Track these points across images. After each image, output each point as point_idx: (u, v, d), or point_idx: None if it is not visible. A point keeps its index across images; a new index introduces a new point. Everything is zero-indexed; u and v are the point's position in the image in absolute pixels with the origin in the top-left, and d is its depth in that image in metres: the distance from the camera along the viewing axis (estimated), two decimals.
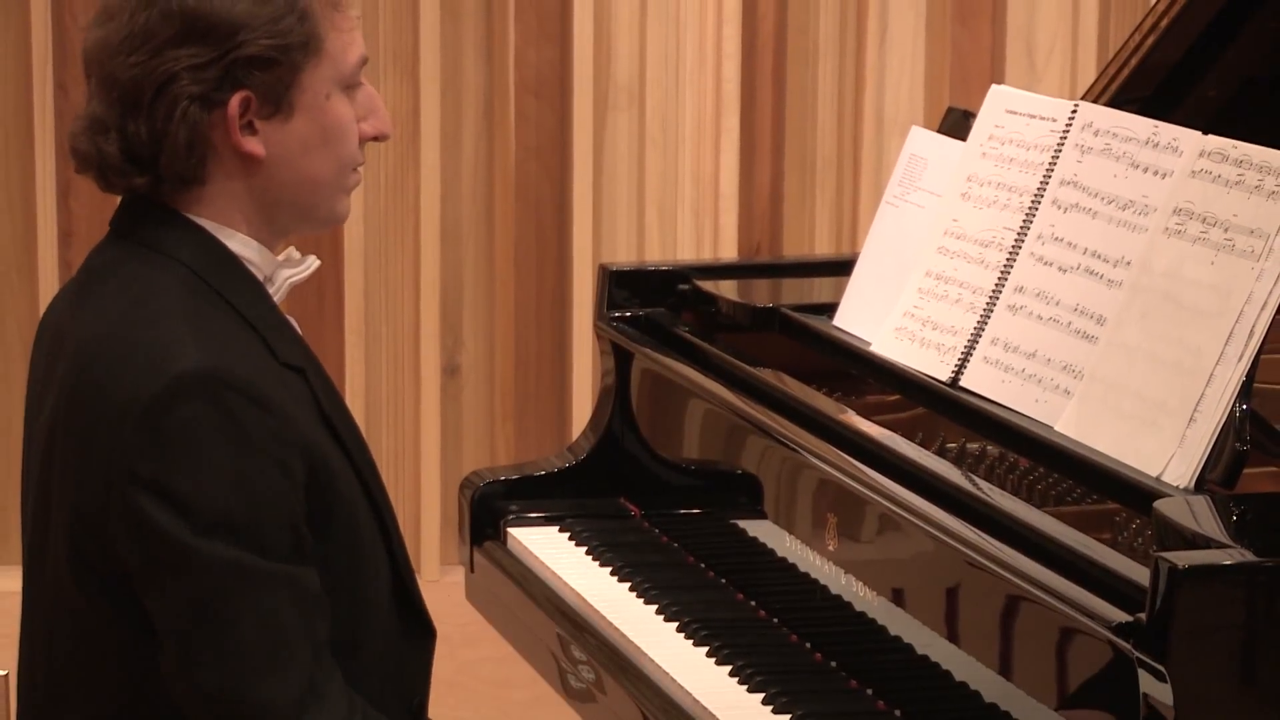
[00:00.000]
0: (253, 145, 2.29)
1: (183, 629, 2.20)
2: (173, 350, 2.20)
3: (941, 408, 2.67)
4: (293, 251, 2.46)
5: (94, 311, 2.31)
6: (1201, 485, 2.24)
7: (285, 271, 2.40)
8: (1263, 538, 2.05)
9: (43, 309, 2.54)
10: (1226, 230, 2.37)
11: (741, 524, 2.87)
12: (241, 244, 2.34)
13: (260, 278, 2.35)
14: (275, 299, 2.38)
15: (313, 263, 2.46)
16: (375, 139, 2.41)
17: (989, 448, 2.62)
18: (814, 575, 2.66)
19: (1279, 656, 2.01)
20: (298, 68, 2.28)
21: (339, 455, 2.32)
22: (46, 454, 2.29)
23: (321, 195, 2.38)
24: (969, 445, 2.65)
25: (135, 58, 2.24)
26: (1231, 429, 2.27)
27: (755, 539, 2.84)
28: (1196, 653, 1.96)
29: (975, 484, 2.46)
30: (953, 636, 2.39)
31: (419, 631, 2.47)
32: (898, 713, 2.49)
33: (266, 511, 2.21)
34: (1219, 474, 2.26)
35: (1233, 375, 2.28)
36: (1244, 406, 2.28)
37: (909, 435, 2.63)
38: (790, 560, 2.73)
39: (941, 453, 2.60)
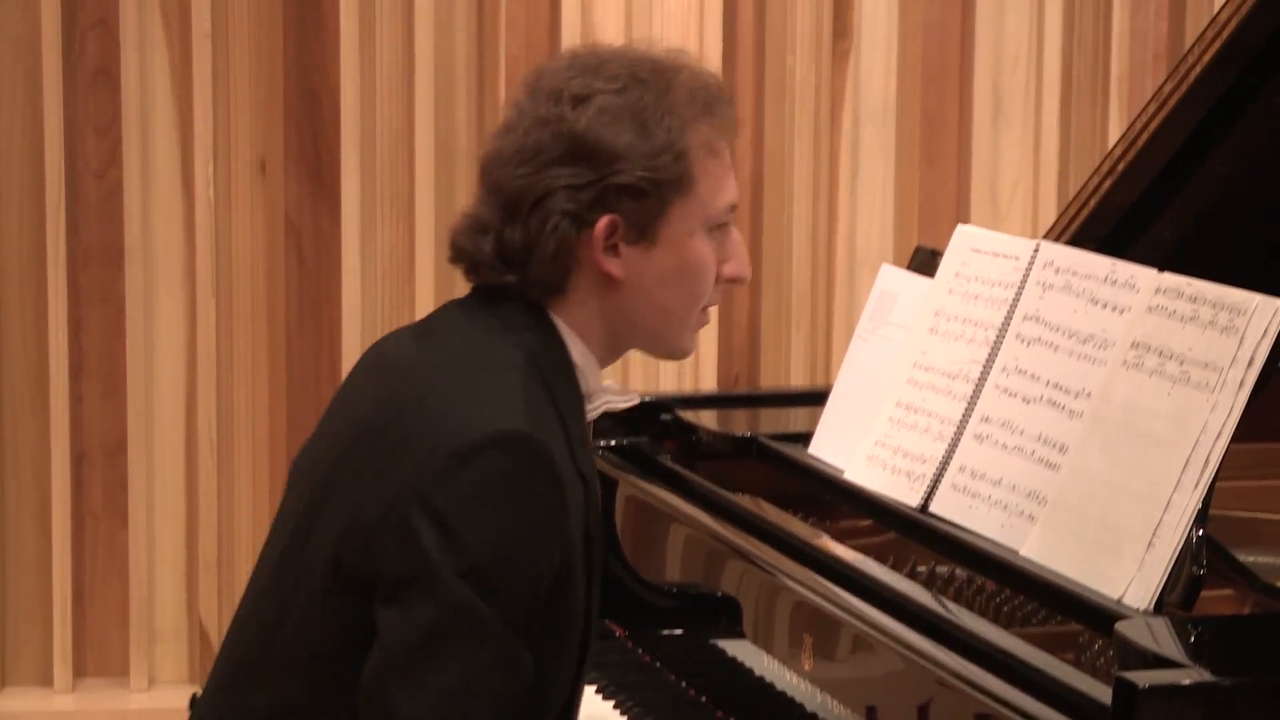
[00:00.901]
0: (613, 266, 2.34)
1: (400, 646, 2.22)
2: (506, 408, 2.27)
3: (912, 533, 2.67)
4: (612, 382, 2.51)
5: (437, 347, 2.41)
6: (1161, 607, 2.23)
7: (606, 396, 2.46)
8: (1220, 658, 2.04)
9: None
10: (1182, 363, 2.37)
11: (721, 644, 2.85)
12: (580, 355, 2.39)
13: (584, 390, 2.41)
14: (613, 404, 2.48)
15: (634, 398, 2.56)
16: (732, 282, 2.43)
17: (958, 571, 2.63)
18: (791, 694, 2.64)
19: None
20: (667, 202, 2.33)
21: (583, 572, 2.34)
22: (346, 452, 2.37)
23: (669, 326, 2.41)
24: (939, 568, 2.66)
25: (522, 170, 2.33)
26: (1189, 554, 2.27)
27: (735, 658, 2.81)
28: None
29: (945, 606, 2.46)
30: None
31: None
32: None
33: (517, 580, 2.24)
34: (1177, 596, 2.25)
35: (1189, 502, 2.28)
36: (1200, 532, 2.28)
37: (881, 559, 2.62)
38: (768, 679, 2.71)
39: (912, 576, 2.60)
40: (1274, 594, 2.39)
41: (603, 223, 2.31)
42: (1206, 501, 2.29)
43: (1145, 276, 2.50)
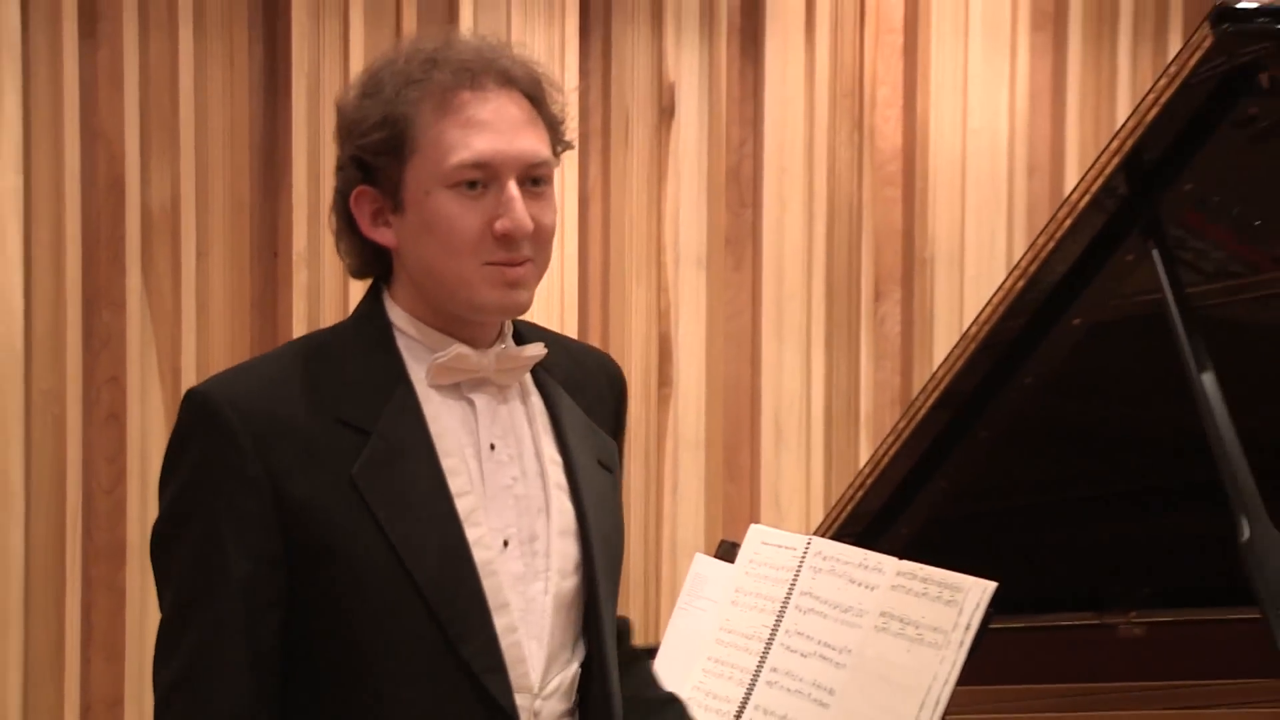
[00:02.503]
0: (380, 236, 1.86)
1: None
2: (212, 378, 1.86)
3: None
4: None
5: None
6: None
7: (455, 348, 1.85)
8: None
9: None
10: (918, 628, 2.38)
11: None
12: (404, 320, 1.86)
13: (420, 347, 1.86)
14: (438, 363, 1.84)
15: (455, 346, 1.85)
16: (505, 237, 1.80)
17: None
18: None
19: None
20: (401, 166, 1.81)
21: (364, 524, 1.77)
22: None
23: (449, 282, 1.82)
24: None
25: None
26: None
27: None
28: None
29: None
30: None
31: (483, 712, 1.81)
32: None
33: (185, 524, 1.80)
34: None
35: None
36: None
37: None
38: None
39: None
40: None
41: (352, 197, 1.85)
42: None
43: (889, 563, 2.51)
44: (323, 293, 4.17)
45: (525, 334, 1.95)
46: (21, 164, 4.00)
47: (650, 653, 2.34)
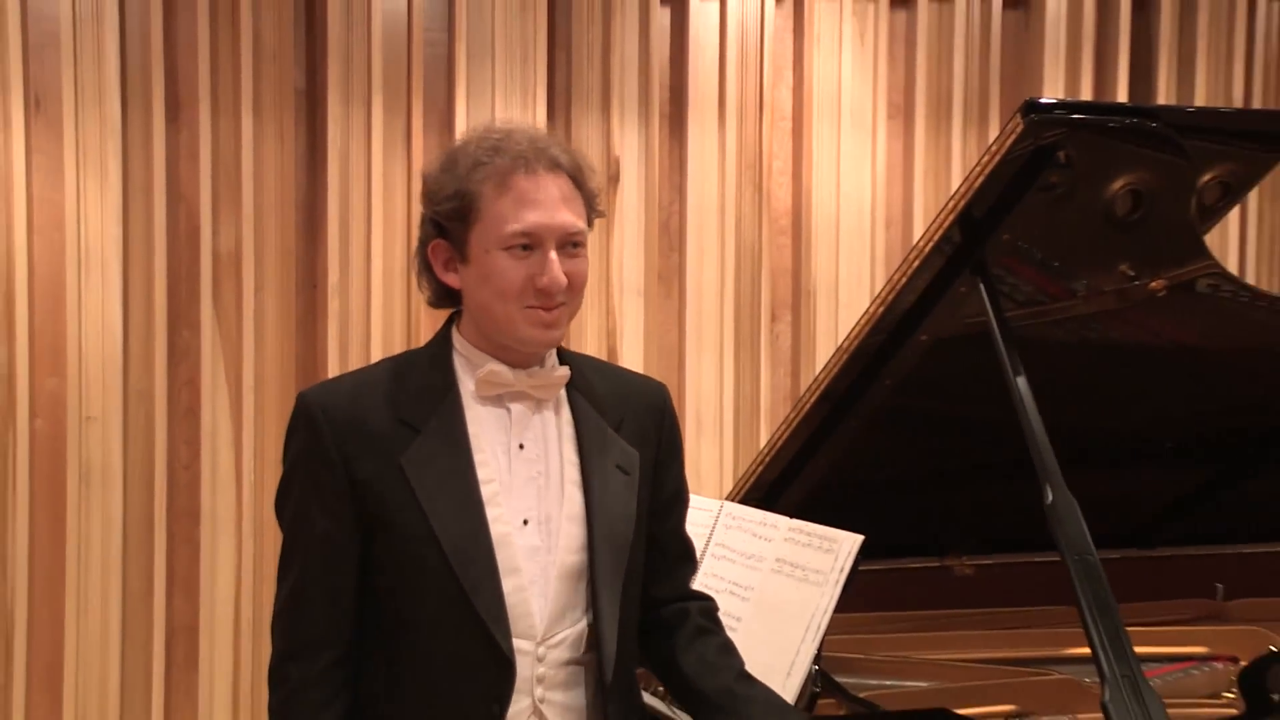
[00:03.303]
0: (450, 279, 1.85)
1: None
2: (316, 385, 1.87)
3: None
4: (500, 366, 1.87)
5: None
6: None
7: (489, 365, 1.83)
8: None
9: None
10: (804, 570, 2.38)
11: None
12: (462, 345, 1.85)
13: (470, 365, 1.84)
14: (479, 376, 1.83)
15: (490, 364, 1.84)
16: (542, 291, 1.79)
17: None
18: None
19: None
20: (467, 228, 1.80)
21: (406, 499, 1.77)
22: None
23: (497, 319, 1.81)
24: None
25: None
26: (809, 680, 2.24)
27: None
28: None
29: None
30: None
31: (487, 658, 1.78)
32: None
33: (287, 492, 1.83)
34: (804, 705, 2.21)
35: (809, 650, 2.27)
36: (816, 667, 2.25)
37: None
38: None
39: None
40: (860, 703, 2.37)
41: (430, 248, 1.85)
42: (819, 650, 2.27)
43: (782, 521, 2.51)
44: (350, 317, 4.14)
45: (572, 362, 1.91)
46: (121, 218, 3.97)
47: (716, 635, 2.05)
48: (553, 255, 1.80)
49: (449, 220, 1.82)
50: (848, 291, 4.50)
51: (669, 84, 4.41)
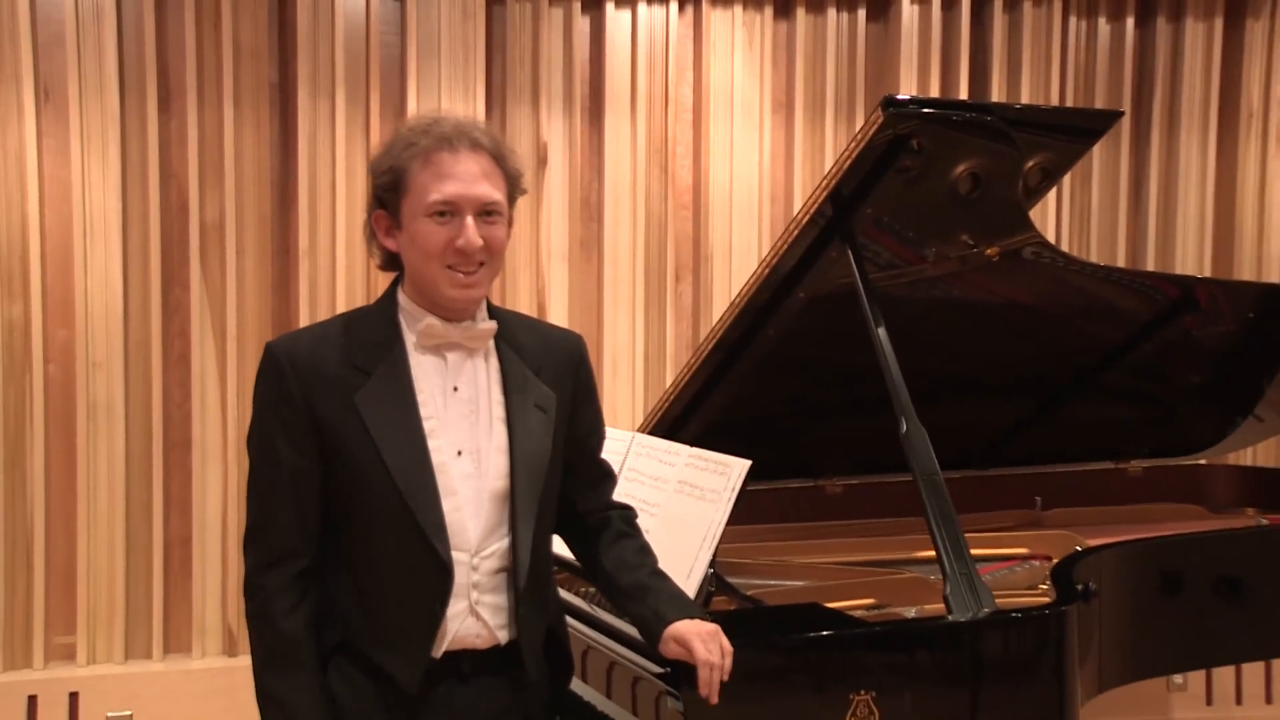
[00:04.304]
0: (389, 244, 1.82)
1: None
2: (282, 336, 1.81)
3: None
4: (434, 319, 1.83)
5: None
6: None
7: (426, 319, 1.80)
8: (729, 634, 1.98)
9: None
10: (702, 490, 2.37)
11: None
12: (406, 302, 1.81)
13: (413, 319, 1.81)
14: (418, 329, 1.80)
15: (428, 319, 1.80)
16: (460, 252, 1.76)
17: None
18: None
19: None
20: (399, 199, 1.77)
21: (359, 432, 1.74)
22: None
23: (426, 280, 1.78)
24: None
25: None
26: (706, 580, 2.24)
27: None
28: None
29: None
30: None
31: (430, 565, 1.74)
32: None
33: (257, 426, 1.79)
34: (699, 602, 2.21)
35: (706, 556, 2.27)
36: (712, 570, 2.25)
37: None
38: None
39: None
40: (747, 599, 2.38)
41: (373, 217, 1.82)
42: (714, 558, 2.27)
43: (684, 450, 2.50)
44: (318, 278, 4.06)
45: (501, 317, 1.87)
46: (120, 193, 3.88)
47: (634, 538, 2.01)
48: (469, 221, 1.76)
49: (386, 192, 1.79)
50: (739, 257, 4.49)
51: (589, 81, 4.37)
